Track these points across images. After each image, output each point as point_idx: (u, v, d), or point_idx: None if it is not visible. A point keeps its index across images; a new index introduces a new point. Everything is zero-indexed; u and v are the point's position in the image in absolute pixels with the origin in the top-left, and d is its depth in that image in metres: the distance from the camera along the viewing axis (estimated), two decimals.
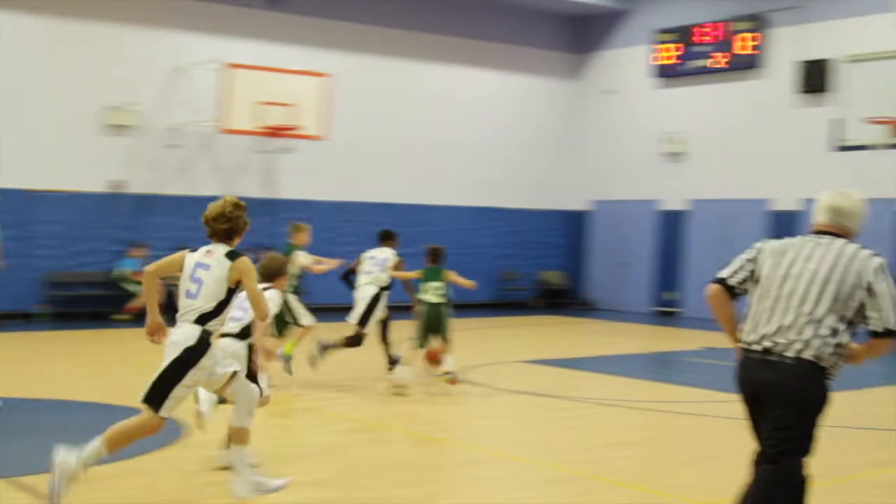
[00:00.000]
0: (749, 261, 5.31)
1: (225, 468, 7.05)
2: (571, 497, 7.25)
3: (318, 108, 19.93)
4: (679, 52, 23.34)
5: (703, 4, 23.25)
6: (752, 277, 5.27)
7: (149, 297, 6.46)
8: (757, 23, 21.97)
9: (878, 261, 5.08)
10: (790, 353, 5.00)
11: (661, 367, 15.61)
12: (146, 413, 6.17)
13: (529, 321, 21.51)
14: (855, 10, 20.46)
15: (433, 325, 11.55)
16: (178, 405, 6.24)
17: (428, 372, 11.79)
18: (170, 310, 6.42)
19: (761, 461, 5.22)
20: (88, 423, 7.99)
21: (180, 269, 6.42)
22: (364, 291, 12.13)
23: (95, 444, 6.09)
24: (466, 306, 23.40)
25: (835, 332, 4.99)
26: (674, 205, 23.63)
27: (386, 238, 12.83)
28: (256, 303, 6.40)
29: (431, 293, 11.64)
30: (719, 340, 14.79)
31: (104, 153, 19.41)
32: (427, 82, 23.58)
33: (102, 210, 19.46)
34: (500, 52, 24.61)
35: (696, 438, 9.60)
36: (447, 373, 11.41)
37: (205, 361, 6.19)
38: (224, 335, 7.16)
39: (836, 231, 5.28)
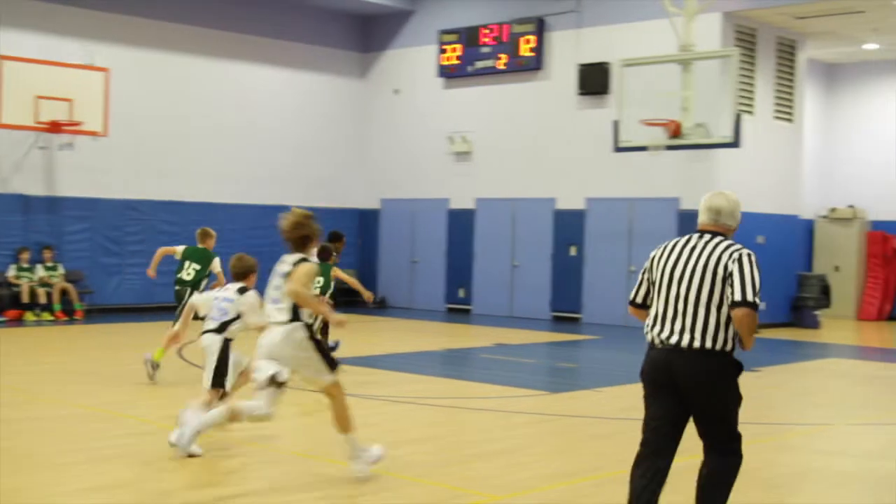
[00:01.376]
0: (644, 272, 5.89)
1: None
2: (364, 494, 7.28)
3: (98, 104, 19.30)
4: (464, 53, 23.74)
5: (486, 6, 23.72)
6: (651, 286, 5.81)
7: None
8: (537, 26, 22.60)
9: (742, 252, 5.62)
10: (696, 345, 5.53)
11: (454, 363, 15.84)
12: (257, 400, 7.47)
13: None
14: (630, 16, 21.35)
15: None
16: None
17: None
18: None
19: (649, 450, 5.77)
20: None
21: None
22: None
23: (221, 411, 7.54)
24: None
25: (719, 321, 5.55)
26: (462, 203, 24.04)
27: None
28: (294, 281, 7.28)
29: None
30: (509, 337, 15.21)
31: None
32: (212, 79, 23.17)
33: None
34: (287, 49, 24.43)
35: (489, 433, 9.79)
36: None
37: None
38: (207, 331, 8.80)
39: (717, 230, 5.82)
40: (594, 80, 21.67)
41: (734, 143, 17.04)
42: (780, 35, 21.53)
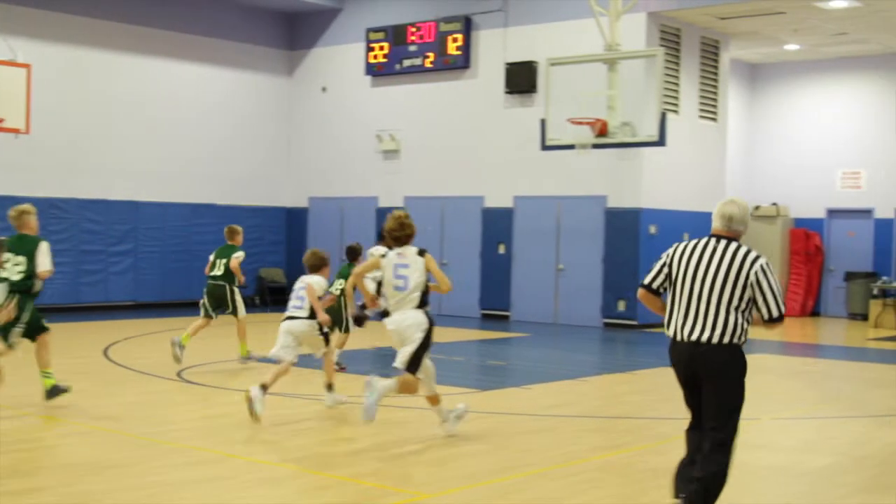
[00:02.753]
0: (664, 265, 6.43)
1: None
2: (292, 494, 7.26)
3: (20, 100, 18.92)
4: (391, 52, 23.71)
5: (413, 5, 23.71)
6: (668, 279, 6.38)
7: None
8: (464, 24, 22.65)
9: (761, 262, 6.20)
10: (714, 341, 6.12)
11: (383, 362, 15.78)
12: (409, 376, 8.80)
13: (250, 319, 21.20)
14: (556, 16, 21.50)
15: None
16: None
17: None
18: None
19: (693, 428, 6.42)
20: None
21: (376, 268, 9.12)
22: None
23: (391, 383, 8.74)
24: (184, 304, 22.91)
25: (738, 321, 6.14)
26: (391, 202, 24.01)
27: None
28: (441, 279, 8.96)
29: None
30: (439, 335, 15.21)
31: None
32: (137, 76, 22.87)
33: None
34: (213, 47, 24.20)
35: (419, 432, 9.79)
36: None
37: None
38: (292, 318, 10.36)
39: (730, 235, 6.34)
40: (521, 79, 21.78)
41: (660, 142, 17.24)
42: (703, 35, 21.84)
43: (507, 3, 22.20)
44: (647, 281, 6.47)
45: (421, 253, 8.96)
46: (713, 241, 6.32)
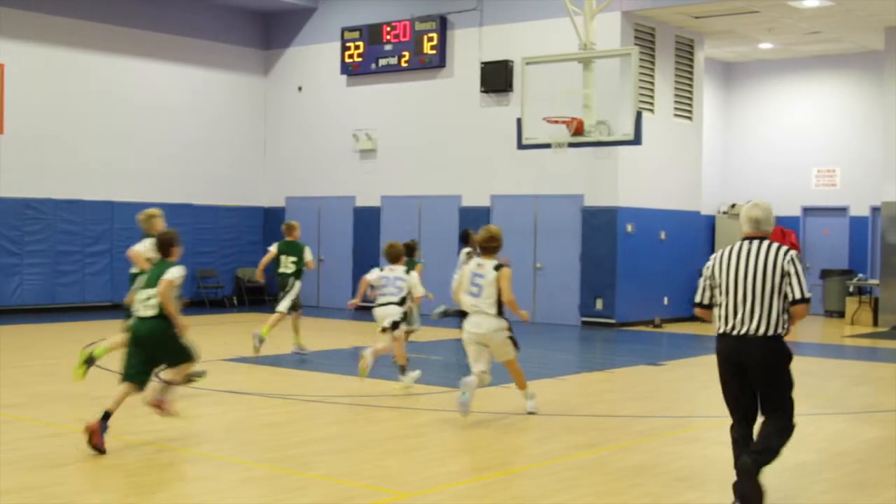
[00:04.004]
0: (707, 279, 7.10)
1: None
2: (272, 494, 7.24)
3: None
4: (367, 51, 23.68)
5: (389, 4, 23.69)
6: (714, 287, 7.03)
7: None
8: (439, 24, 22.65)
9: (791, 254, 6.88)
10: (761, 333, 6.76)
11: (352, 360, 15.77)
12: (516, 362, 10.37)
13: (228, 319, 21.25)
14: (531, 15, 21.53)
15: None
16: None
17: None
18: None
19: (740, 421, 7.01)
20: None
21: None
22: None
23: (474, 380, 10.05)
24: None
25: (780, 311, 6.78)
26: (368, 201, 24.00)
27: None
28: (505, 294, 10.14)
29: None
30: (418, 334, 15.23)
31: None
32: (112, 75, 22.78)
33: None
34: (188, 46, 24.12)
35: (397, 431, 9.80)
36: None
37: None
38: (388, 303, 12.09)
39: (760, 235, 7.01)
40: (497, 78, 21.80)
41: (635, 141, 17.30)
42: (678, 34, 21.92)
43: (482, 3, 22.22)
44: (697, 300, 7.19)
45: (497, 268, 10.07)
46: (747, 243, 6.99)
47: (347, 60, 24.05)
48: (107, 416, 8.31)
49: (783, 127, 25.48)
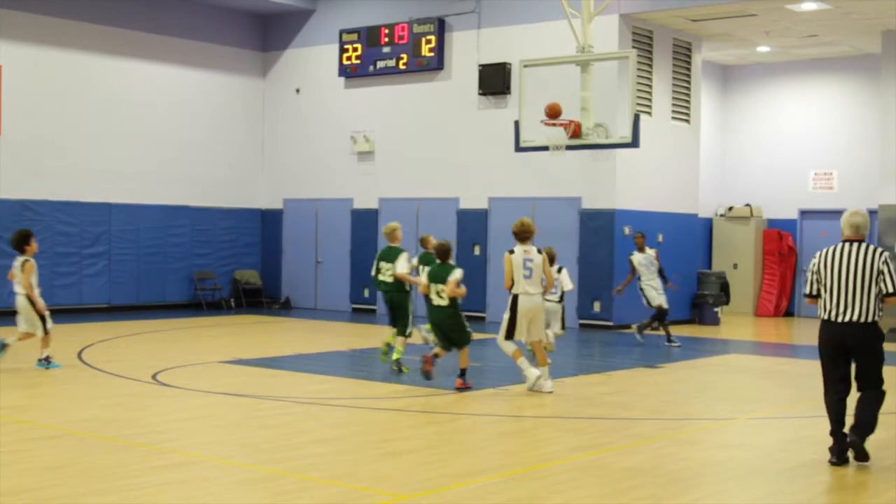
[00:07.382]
0: (813, 273, 8.56)
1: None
2: (270, 496, 7.24)
3: None
4: (365, 53, 23.68)
5: (387, 6, 23.70)
6: (819, 281, 8.49)
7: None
8: (437, 26, 22.66)
9: (885, 254, 8.34)
10: (861, 320, 8.26)
11: (359, 364, 15.79)
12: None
13: (225, 321, 21.23)
14: (529, 17, 21.55)
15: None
16: None
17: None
18: None
19: (859, 390, 8.51)
20: None
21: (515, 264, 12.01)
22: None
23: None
24: (159, 307, 22.83)
25: (877, 301, 8.29)
26: (366, 203, 24.01)
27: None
28: (549, 274, 12.35)
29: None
30: (415, 336, 15.22)
31: None
32: (110, 77, 22.78)
33: None
34: (186, 48, 24.12)
35: (395, 433, 9.80)
36: None
37: None
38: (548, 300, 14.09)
39: (859, 238, 8.45)
40: (495, 81, 21.82)
41: (633, 144, 17.29)
42: (676, 37, 21.94)
43: (481, 5, 22.24)
44: (806, 291, 8.68)
45: (539, 251, 12.02)
46: (848, 244, 8.42)
47: (345, 62, 24.05)
48: None
49: (780, 130, 25.50)
